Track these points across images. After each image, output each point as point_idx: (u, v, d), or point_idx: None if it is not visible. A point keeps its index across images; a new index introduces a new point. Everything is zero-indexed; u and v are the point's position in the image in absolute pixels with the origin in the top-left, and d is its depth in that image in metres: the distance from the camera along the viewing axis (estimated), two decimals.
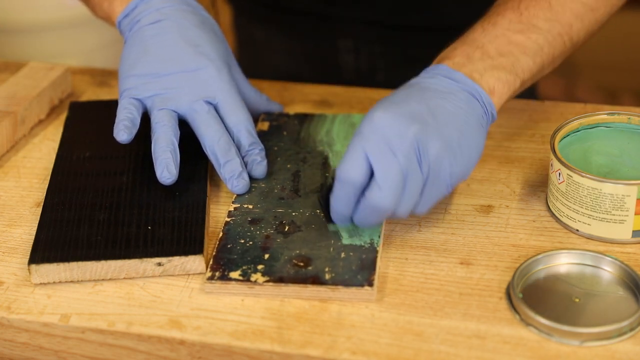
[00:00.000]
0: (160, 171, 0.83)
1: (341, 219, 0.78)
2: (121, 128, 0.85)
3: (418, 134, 0.75)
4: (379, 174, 0.74)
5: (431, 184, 0.76)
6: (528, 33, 0.84)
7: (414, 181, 0.75)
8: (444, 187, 0.78)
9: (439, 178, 0.77)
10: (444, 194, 0.78)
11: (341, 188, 0.76)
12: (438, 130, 0.76)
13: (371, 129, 0.76)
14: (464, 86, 0.81)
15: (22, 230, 0.85)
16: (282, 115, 0.97)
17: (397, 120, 0.75)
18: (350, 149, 0.76)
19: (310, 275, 0.75)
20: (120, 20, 0.93)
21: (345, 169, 0.75)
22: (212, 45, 0.90)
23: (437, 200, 0.78)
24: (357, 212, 0.77)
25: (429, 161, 0.75)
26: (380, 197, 0.74)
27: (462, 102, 0.79)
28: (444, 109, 0.78)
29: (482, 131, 0.80)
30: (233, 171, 0.85)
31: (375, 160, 0.75)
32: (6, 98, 1.00)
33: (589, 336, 0.70)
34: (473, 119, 0.79)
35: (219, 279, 0.76)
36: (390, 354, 0.70)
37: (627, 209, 0.78)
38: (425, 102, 0.78)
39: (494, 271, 0.77)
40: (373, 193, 0.74)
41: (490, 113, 0.81)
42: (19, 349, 0.77)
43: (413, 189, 0.75)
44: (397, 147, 0.74)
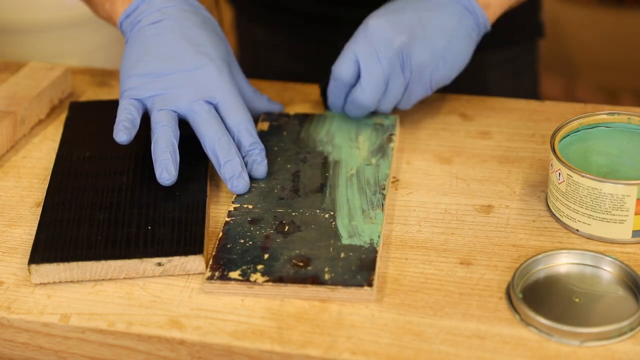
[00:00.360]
0: (159, 172, 0.83)
1: (335, 108, 0.94)
2: (120, 129, 0.85)
3: (404, 43, 0.87)
4: (364, 76, 0.88)
5: (413, 86, 0.90)
6: None
7: (396, 83, 0.89)
8: (425, 89, 0.91)
9: (420, 81, 0.90)
10: (425, 94, 0.91)
11: (334, 83, 0.91)
12: (424, 41, 0.88)
13: (364, 34, 0.88)
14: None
15: (22, 230, 0.85)
16: (282, 116, 0.97)
17: (388, 29, 0.87)
18: (345, 50, 0.89)
19: (309, 275, 0.75)
20: (122, 20, 0.93)
21: (337, 67, 0.90)
22: (213, 45, 0.90)
23: (419, 99, 0.91)
24: (346, 106, 0.92)
25: (412, 67, 0.88)
26: (363, 96, 0.89)
27: (453, 14, 0.89)
28: (435, 20, 0.88)
29: (469, 42, 0.90)
30: (233, 171, 0.85)
31: (362, 63, 0.88)
32: (6, 98, 1.00)
33: (589, 336, 0.70)
34: (462, 30, 0.89)
35: (218, 279, 0.76)
36: (390, 354, 0.70)
37: (627, 209, 0.78)
38: (418, 13, 0.89)
39: (494, 271, 0.77)
40: (357, 92, 0.89)
41: (482, 24, 0.91)
42: (19, 349, 0.77)
43: (395, 89, 0.89)
44: (383, 53, 0.87)
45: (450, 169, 0.91)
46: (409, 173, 0.90)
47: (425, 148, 0.94)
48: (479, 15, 0.90)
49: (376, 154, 0.90)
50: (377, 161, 0.89)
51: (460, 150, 0.93)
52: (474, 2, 0.90)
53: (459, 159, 0.92)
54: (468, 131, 0.96)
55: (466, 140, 0.95)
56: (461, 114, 0.99)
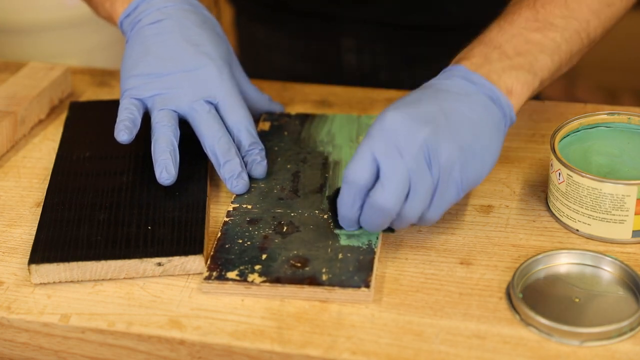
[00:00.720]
0: (159, 172, 0.83)
1: (348, 223, 0.78)
2: (121, 128, 0.85)
3: (428, 136, 0.74)
4: (384, 173, 0.74)
5: (442, 188, 0.75)
6: (545, 31, 0.83)
7: (423, 183, 0.74)
8: (455, 191, 0.76)
9: (450, 182, 0.75)
10: (455, 199, 0.77)
11: (348, 189, 0.76)
12: (450, 134, 0.75)
13: (381, 129, 0.75)
14: (481, 88, 0.79)
15: (22, 230, 0.85)
16: (283, 116, 0.97)
17: (408, 121, 0.75)
18: (359, 150, 0.75)
19: (307, 276, 0.75)
20: (122, 20, 0.93)
21: (352, 170, 0.75)
22: (213, 45, 0.90)
23: (448, 206, 0.77)
24: (363, 213, 0.76)
25: (440, 165, 0.74)
26: (383, 197, 0.73)
27: (478, 105, 0.78)
28: (459, 112, 0.77)
29: (498, 135, 0.79)
30: (233, 171, 0.85)
31: (381, 160, 0.74)
32: (6, 98, 1.00)
33: (589, 336, 0.70)
34: (489, 122, 0.78)
35: (216, 279, 0.76)
36: (390, 354, 0.70)
37: (627, 209, 0.78)
38: (439, 103, 0.77)
39: (494, 271, 0.77)
40: (376, 192, 0.74)
41: (509, 116, 0.80)
42: (19, 349, 0.77)
43: (421, 191, 0.74)
44: (405, 148, 0.74)
45: None
46: None
47: None
48: (504, 105, 0.79)
49: None
50: None
51: None
52: (498, 91, 0.79)
53: None
54: None
55: None
56: None
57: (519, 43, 0.82)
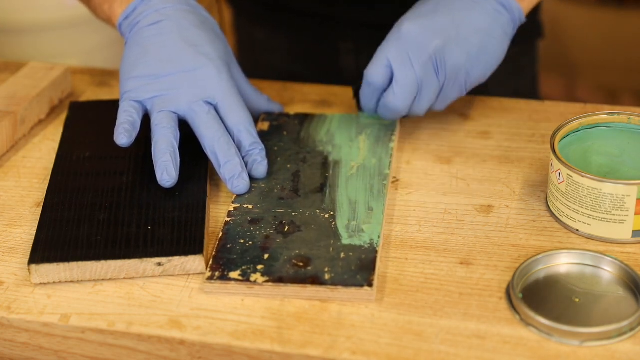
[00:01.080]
0: (160, 174, 0.84)
1: (368, 110, 0.93)
2: (121, 131, 0.85)
3: (438, 47, 0.85)
4: (396, 81, 0.87)
5: (448, 88, 0.88)
6: None
7: (430, 87, 0.87)
8: (459, 90, 0.89)
9: (455, 83, 0.88)
10: (460, 95, 0.90)
11: (366, 87, 0.90)
12: (459, 44, 0.86)
13: (397, 38, 0.87)
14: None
15: (22, 230, 0.85)
16: (282, 115, 0.97)
17: (421, 33, 0.86)
18: (377, 54, 0.88)
19: (309, 276, 0.75)
20: (121, 22, 0.93)
21: (369, 72, 0.88)
22: (212, 45, 0.90)
23: (453, 100, 0.90)
24: (378, 108, 0.91)
25: (446, 71, 0.86)
26: (394, 101, 0.87)
27: (488, 13, 0.87)
28: (469, 20, 0.86)
29: (505, 40, 0.88)
30: (233, 171, 0.85)
31: (395, 68, 0.87)
32: (6, 98, 1.00)
33: (589, 336, 0.70)
34: (497, 28, 0.87)
35: (218, 279, 0.76)
36: (390, 354, 0.70)
37: (627, 209, 0.78)
38: (452, 14, 0.87)
39: (494, 271, 0.77)
40: (389, 97, 0.88)
41: (518, 18, 0.89)
42: (19, 349, 0.77)
43: (429, 93, 0.87)
44: (416, 58, 0.86)
45: (450, 169, 0.91)
46: (409, 173, 0.90)
47: (425, 148, 0.94)
48: (514, 10, 0.88)
49: (376, 154, 0.90)
50: (377, 161, 0.89)
51: (460, 150, 0.93)
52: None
53: (459, 159, 0.92)
54: (468, 131, 0.96)
55: (466, 140, 0.95)
56: (461, 114, 0.99)
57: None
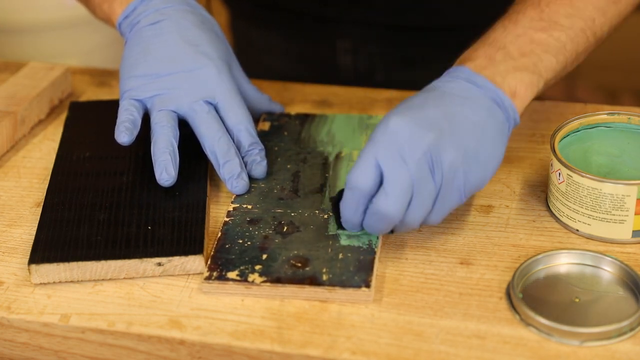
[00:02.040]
0: (159, 173, 0.84)
1: (351, 226, 0.78)
2: (122, 130, 0.85)
3: (432, 142, 0.74)
4: (387, 180, 0.74)
5: (445, 194, 0.75)
6: (550, 31, 0.82)
7: (426, 190, 0.74)
8: (458, 196, 0.76)
9: (452, 187, 0.76)
10: (458, 204, 0.77)
11: (351, 195, 0.76)
12: (454, 139, 0.75)
13: (384, 135, 0.75)
14: (486, 91, 0.78)
15: (22, 230, 0.85)
16: (283, 116, 0.97)
17: (412, 127, 0.74)
18: (362, 156, 0.75)
19: (307, 276, 0.75)
20: (121, 21, 0.93)
21: (355, 176, 0.75)
22: (212, 45, 0.90)
23: (450, 210, 0.77)
24: (365, 218, 0.76)
25: (443, 170, 0.74)
26: (386, 204, 0.74)
27: (482, 109, 0.78)
28: (462, 116, 0.76)
29: (502, 139, 0.78)
30: (232, 171, 0.85)
31: (385, 167, 0.74)
32: (6, 98, 1.00)
33: (589, 336, 0.70)
34: (493, 126, 0.78)
35: (216, 279, 0.76)
36: (390, 354, 0.70)
37: (627, 209, 0.78)
38: (443, 108, 0.77)
39: (494, 271, 0.77)
40: (380, 200, 0.74)
41: (512, 118, 0.79)
42: (19, 349, 0.77)
43: (424, 197, 0.74)
44: (408, 155, 0.74)
45: None
46: None
47: None
48: (508, 108, 0.79)
49: None
50: None
51: None
52: (502, 94, 0.79)
53: None
54: None
55: None
56: None
57: (524, 43, 0.81)
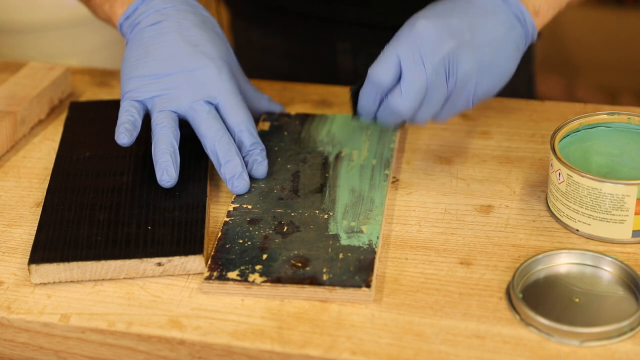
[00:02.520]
0: (160, 174, 0.84)
1: (366, 114, 0.83)
2: (122, 131, 0.86)
3: (452, 49, 0.79)
4: (405, 80, 0.79)
5: (454, 98, 0.81)
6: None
7: (437, 93, 0.80)
8: (466, 102, 0.82)
9: (462, 93, 0.81)
10: (465, 108, 0.83)
11: (369, 86, 0.81)
12: (472, 50, 0.80)
13: (409, 35, 0.80)
14: (511, 7, 0.82)
15: (22, 230, 0.85)
16: (283, 116, 0.97)
17: (436, 32, 0.79)
18: (386, 51, 0.80)
19: (307, 276, 0.75)
20: (122, 22, 0.93)
21: (376, 70, 0.80)
22: (213, 45, 0.90)
23: (457, 112, 0.83)
24: (380, 110, 0.82)
25: (456, 77, 0.79)
26: (400, 102, 0.79)
27: (503, 23, 0.82)
28: (484, 28, 0.81)
29: (517, 54, 0.83)
30: (233, 171, 0.85)
31: (405, 66, 0.79)
32: (6, 98, 1.00)
33: (589, 336, 0.70)
34: (511, 41, 0.82)
35: (216, 279, 0.76)
36: (390, 354, 0.70)
37: (627, 209, 0.78)
38: (468, 18, 0.81)
39: (494, 271, 0.77)
40: (394, 97, 0.79)
41: (530, 34, 0.84)
42: (19, 349, 0.77)
43: (435, 100, 0.80)
44: (428, 58, 0.78)
45: (450, 169, 0.91)
46: (409, 173, 0.90)
47: (425, 148, 0.94)
48: (528, 25, 0.83)
49: (377, 155, 0.90)
50: (377, 161, 0.89)
51: (460, 150, 0.93)
52: (526, 10, 0.83)
53: (459, 159, 0.92)
54: (468, 131, 0.96)
55: (466, 140, 0.95)
56: (461, 114, 0.99)
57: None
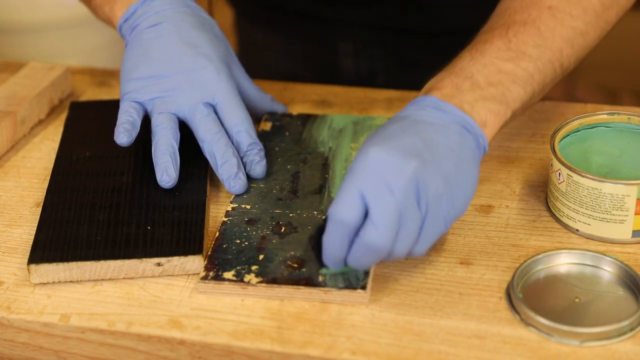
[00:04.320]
0: (160, 175, 0.84)
1: (334, 262, 0.74)
2: (121, 131, 0.86)
3: (416, 169, 0.72)
4: (375, 212, 0.70)
5: (430, 222, 0.73)
6: (518, 61, 0.80)
7: (412, 220, 0.71)
8: (443, 224, 0.74)
9: (437, 215, 0.73)
10: (442, 232, 0.74)
11: (335, 229, 0.72)
12: (435, 166, 0.73)
13: (366, 166, 0.72)
14: (456, 118, 0.77)
15: (22, 230, 0.85)
16: (284, 116, 0.97)
17: (394, 156, 0.72)
18: (344, 188, 0.72)
19: (303, 277, 0.75)
20: (121, 24, 0.93)
21: (338, 210, 0.71)
22: (212, 46, 0.90)
23: (436, 239, 0.74)
24: (351, 253, 0.72)
25: (428, 199, 0.72)
26: (376, 236, 0.70)
27: (455, 135, 0.76)
28: (439, 143, 0.74)
29: (475, 164, 0.77)
30: (230, 171, 0.85)
31: (370, 199, 0.71)
32: (6, 98, 1.00)
33: (589, 336, 0.70)
34: (467, 152, 0.76)
35: (212, 279, 0.76)
36: (390, 354, 0.70)
37: (627, 209, 0.78)
38: (420, 135, 0.74)
39: (494, 271, 0.77)
40: (368, 232, 0.70)
41: (482, 146, 0.78)
42: (19, 349, 0.77)
43: (410, 227, 0.71)
44: (394, 184, 0.71)
45: None
46: None
47: None
48: (478, 135, 0.77)
49: None
50: None
51: None
52: (472, 121, 0.77)
53: None
54: None
55: None
56: None
57: (491, 73, 0.80)
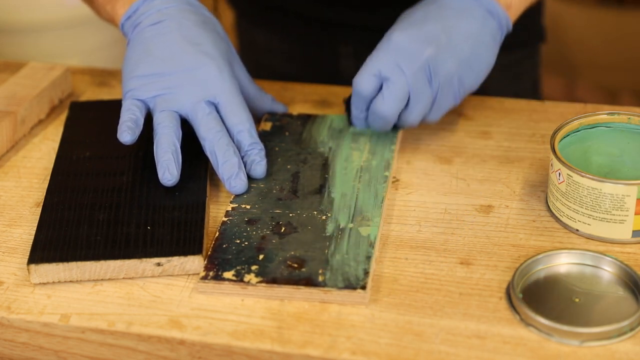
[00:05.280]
0: (161, 173, 0.84)
1: (359, 122, 0.92)
2: (124, 129, 0.86)
3: (430, 56, 0.86)
4: (385, 86, 0.86)
5: (441, 97, 0.87)
6: None
7: (423, 96, 0.86)
8: (452, 99, 0.88)
9: (449, 92, 0.88)
10: (453, 104, 0.89)
11: (355, 96, 0.90)
12: (450, 51, 0.86)
13: (387, 48, 0.87)
14: (481, 3, 0.88)
15: (22, 230, 0.85)
16: (285, 116, 0.97)
17: (412, 42, 0.86)
18: (366, 64, 0.88)
19: (303, 277, 0.75)
20: (123, 22, 0.93)
21: (358, 82, 0.88)
22: (214, 44, 0.90)
23: (446, 110, 0.89)
24: (368, 117, 0.90)
25: (439, 79, 0.86)
26: (383, 106, 0.87)
27: (477, 19, 0.88)
28: (459, 28, 0.87)
29: (494, 46, 0.89)
30: (231, 171, 0.85)
31: (385, 77, 0.86)
32: (6, 98, 1.00)
33: (589, 336, 0.70)
34: (487, 35, 0.88)
35: (212, 279, 0.76)
36: (390, 354, 0.70)
37: (627, 209, 0.78)
38: (442, 21, 0.87)
39: (494, 271, 0.77)
40: (377, 103, 0.87)
41: (505, 26, 0.89)
42: (19, 349, 0.77)
43: (422, 101, 0.87)
44: (407, 66, 0.85)
45: (450, 169, 0.91)
46: (409, 173, 0.90)
47: (425, 148, 0.94)
48: (501, 17, 0.89)
49: (376, 155, 0.90)
50: (377, 163, 0.89)
51: (460, 150, 0.93)
52: (497, 4, 0.89)
53: (459, 159, 0.92)
54: (468, 131, 0.96)
55: (466, 140, 0.95)
56: (461, 114, 0.99)
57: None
